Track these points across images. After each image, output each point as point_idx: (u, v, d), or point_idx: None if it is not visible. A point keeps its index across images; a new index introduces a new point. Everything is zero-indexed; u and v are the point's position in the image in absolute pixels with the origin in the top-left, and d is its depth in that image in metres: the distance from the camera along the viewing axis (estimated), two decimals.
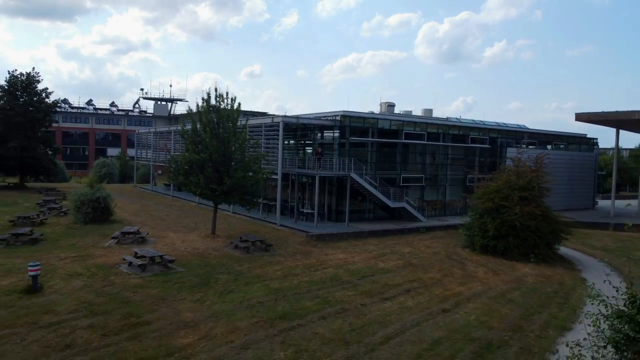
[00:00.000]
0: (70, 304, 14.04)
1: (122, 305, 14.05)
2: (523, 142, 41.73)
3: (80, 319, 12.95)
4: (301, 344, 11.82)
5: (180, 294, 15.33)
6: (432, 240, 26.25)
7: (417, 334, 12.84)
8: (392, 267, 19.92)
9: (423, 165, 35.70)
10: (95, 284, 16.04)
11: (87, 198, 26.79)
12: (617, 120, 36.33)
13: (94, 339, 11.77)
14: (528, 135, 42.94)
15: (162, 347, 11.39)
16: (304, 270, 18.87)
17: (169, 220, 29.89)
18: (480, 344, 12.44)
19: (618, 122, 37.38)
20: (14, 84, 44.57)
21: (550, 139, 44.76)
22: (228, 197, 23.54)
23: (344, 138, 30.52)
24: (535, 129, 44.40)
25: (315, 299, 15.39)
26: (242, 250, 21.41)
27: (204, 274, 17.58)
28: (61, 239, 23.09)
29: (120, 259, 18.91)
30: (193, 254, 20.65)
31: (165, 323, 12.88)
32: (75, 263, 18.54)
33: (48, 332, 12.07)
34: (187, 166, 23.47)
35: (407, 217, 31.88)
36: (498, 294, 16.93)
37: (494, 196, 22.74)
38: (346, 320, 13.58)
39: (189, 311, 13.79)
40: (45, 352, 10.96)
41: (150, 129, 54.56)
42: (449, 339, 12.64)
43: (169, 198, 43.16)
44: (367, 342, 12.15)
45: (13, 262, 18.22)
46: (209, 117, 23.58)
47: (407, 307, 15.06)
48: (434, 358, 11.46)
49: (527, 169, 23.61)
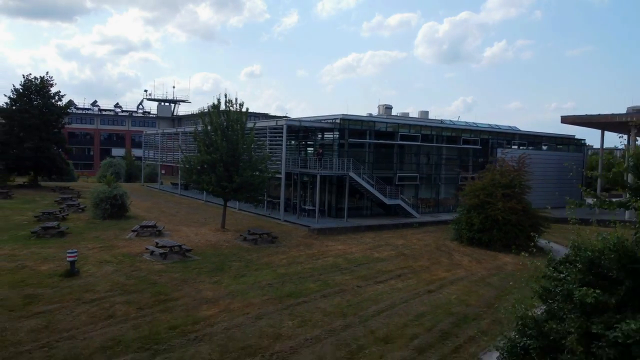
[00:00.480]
0: (106, 285, 16.26)
1: (150, 286, 16.27)
2: (514, 143, 43.94)
3: (117, 296, 15.18)
4: (305, 316, 14.04)
5: (200, 277, 17.55)
6: (424, 234, 28.46)
7: (404, 309, 15.05)
8: (385, 257, 22.14)
9: (418, 165, 37.88)
10: (124, 269, 18.25)
11: (106, 195, 29.00)
12: (600, 123, 38.51)
13: (131, 311, 13.99)
14: (519, 137, 45.14)
15: (189, 317, 13.61)
16: (307, 259, 21.09)
17: (180, 216, 32.08)
18: (458, 317, 14.65)
19: (602, 125, 39.56)
20: (29, 87, 46.76)
21: (540, 140, 46.95)
22: (237, 194, 25.74)
23: (343, 139, 32.71)
24: (525, 131, 46.61)
25: (317, 281, 17.60)
26: (250, 242, 23.61)
27: (218, 262, 19.80)
28: (85, 232, 25.28)
29: (143, 249, 21.13)
30: (206, 245, 22.86)
31: (190, 299, 15.10)
32: (103, 252, 20.75)
33: (92, 306, 14.29)
34: (200, 166, 25.68)
35: (403, 213, 34.06)
36: (479, 279, 19.13)
37: (479, 193, 24.94)
38: (344, 298, 15.81)
39: (209, 290, 16.00)
40: (92, 321, 13.19)
41: (158, 131, 56.67)
42: (432, 313, 14.86)
43: (177, 196, 45.35)
44: (361, 314, 14.37)
45: (47, 252, 20.43)
46: (219, 120, 25.77)
47: (397, 288, 17.27)
48: (417, 327, 13.67)
49: (509, 169, 25.81)
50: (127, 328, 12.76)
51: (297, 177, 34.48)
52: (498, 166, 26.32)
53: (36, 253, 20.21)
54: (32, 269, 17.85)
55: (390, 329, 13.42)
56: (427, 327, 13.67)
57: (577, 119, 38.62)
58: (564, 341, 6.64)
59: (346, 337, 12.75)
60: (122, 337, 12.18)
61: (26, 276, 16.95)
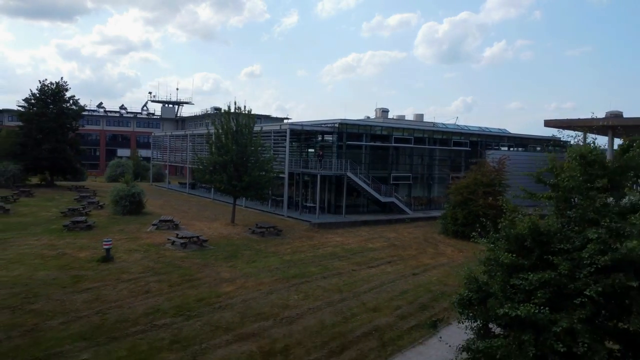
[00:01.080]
0: (138, 268, 19.12)
1: (176, 269, 19.13)
2: (503, 145, 46.85)
3: (149, 277, 18.03)
4: (308, 291, 16.90)
5: (217, 262, 20.41)
6: (415, 228, 31.33)
7: (391, 287, 17.92)
8: (378, 247, 25.00)
9: (411, 166, 40.74)
10: (150, 256, 21.11)
11: (125, 193, 31.85)
12: (581, 127, 41.32)
13: (164, 288, 16.85)
14: (507, 139, 48.06)
15: (212, 292, 16.47)
16: (309, 249, 23.94)
17: (192, 213, 34.92)
18: (436, 293, 17.51)
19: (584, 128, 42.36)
20: (45, 92, 49.64)
21: (526, 142, 49.85)
22: (246, 191, 28.63)
23: (341, 142, 35.56)
24: (514, 133, 49.56)
25: (318, 266, 20.46)
26: (258, 234, 26.46)
27: (231, 250, 22.66)
28: (109, 226, 28.12)
29: (164, 240, 23.98)
30: (219, 237, 25.70)
31: (211, 279, 17.96)
32: (129, 242, 23.60)
33: (130, 284, 17.15)
34: (212, 167, 28.54)
35: (397, 210, 36.89)
36: (458, 265, 21.92)
37: (463, 191, 27.80)
38: (341, 279, 18.67)
39: (226, 272, 18.87)
40: (133, 295, 16.05)
41: (167, 133, 59.50)
42: (414, 290, 17.73)
43: (186, 195, 48.21)
44: (355, 291, 17.24)
45: (81, 242, 23.28)
46: (230, 125, 28.63)
47: (387, 272, 20.14)
48: (401, 300, 16.54)
49: (490, 169, 28.67)
50: (162, 300, 15.62)
51: (299, 177, 37.30)
52: (479, 167, 29.16)
53: (71, 243, 23.06)
54: (72, 256, 20.70)
55: (379, 301, 16.28)
56: (409, 301, 16.54)
57: (559, 122, 41.45)
58: (492, 290, 9.47)
59: (342, 307, 15.61)
60: (159, 306, 15.04)
61: (69, 261, 19.81)
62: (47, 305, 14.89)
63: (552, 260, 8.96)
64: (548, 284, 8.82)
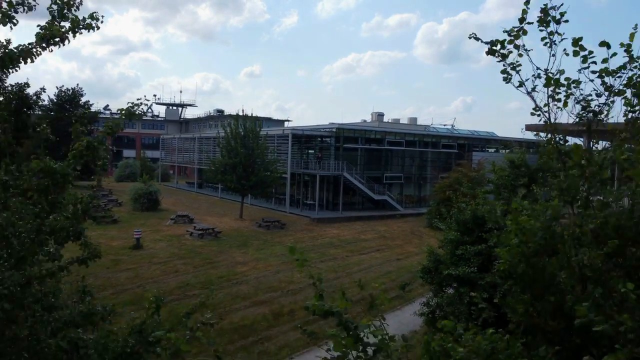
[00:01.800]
0: (165, 254, 22.64)
1: (197, 255, 22.65)
2: (489, 147, 50.40)
3: (175, 260, 21.55)
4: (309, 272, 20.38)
5: (231, 249, 23.93)
6: (404, 223, 34.87)
7: (378, 269, 21.47)
8: (369, 238, 28.55)
9: (403, 167, 44.27)
10: (174, 244, 24.63)
11: (143, 191, 35.37)
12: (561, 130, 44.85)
13: (189, 269, 20.37)
14: (494, 142, 51.60)
15: (230, 271, 20.00)
16: (309, 239, 27.47)
17: (203, 209, 38.44)
18: (415, 274, 20.97)
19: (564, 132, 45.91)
20: (62, 97, 53.15)
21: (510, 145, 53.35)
22: (253, 190, 32.18)
23: (338, 144, 39.07)
24: (501, 136, 53.11)
25: (317, 253, 23.99)
26: (264, 227, 29.98)
27: (242, 240, 26.18)
28: (131, 220, 31.62)
29: (183, 231, 27.49)
30: (230, 230, 29.22)
31: (227, 262, 21.48)
32: (153, 234, 27.13)
33: (160, 266, 20.67)
34: (223, 168, 32.07)
35: (389, 207, 40.42)
36: None
37: (446, 189, 31.29)
38: (336, 263, 22.21)
39: (240, 257, 22.40)
40: (165, 273, 19.58)
41: (175, 135, 62.99)
42: (397, 271, 21.27)
43: (194, 193, 51.73)
44: (347, 271, 20.77)
45: (111, 233, 26.80)
46: (238, 130, 32.16)
47: (375, 257, 23.67)
48: (385, 279, 20.07)
49: (470, 169, 32.18)
50: (190, 277, 19.15)
51: (300, 177, 40.83)
52: (462, 168, 32.68)
53: (103, 234, 26.53)
54: (106, 245, 24.09)
55: (367, 279, 19.72)
56: (392, 279, 20.08)
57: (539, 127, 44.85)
58: (442, 259, 12.99)
59: (336, 283, 19.06)
60: (188, 281, 18.57)
61: (105, 249, 22.87)
62: (97, 281, 18.37)
63: (484, 237, 12.51)
64: (481, 253, 12.37)
